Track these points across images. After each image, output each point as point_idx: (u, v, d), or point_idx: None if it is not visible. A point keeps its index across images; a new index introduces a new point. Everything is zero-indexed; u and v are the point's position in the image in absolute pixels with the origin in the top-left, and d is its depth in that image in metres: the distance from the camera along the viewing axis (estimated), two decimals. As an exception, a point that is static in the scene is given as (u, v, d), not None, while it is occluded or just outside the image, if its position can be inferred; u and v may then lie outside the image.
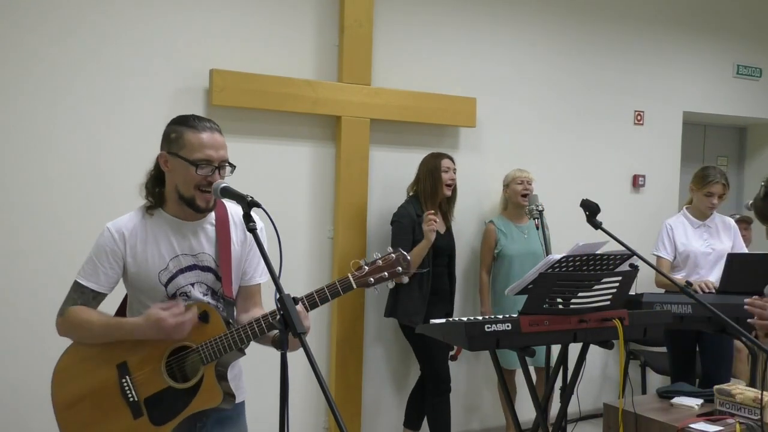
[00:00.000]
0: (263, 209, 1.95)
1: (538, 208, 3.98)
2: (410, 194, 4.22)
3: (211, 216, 2.24)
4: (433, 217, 3.88)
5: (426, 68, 4.56)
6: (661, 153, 5.63)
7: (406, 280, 2.18)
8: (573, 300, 2.97)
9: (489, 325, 2.84)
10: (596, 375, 5.30)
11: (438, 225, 4.11)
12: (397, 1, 4.45)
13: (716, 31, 5.86)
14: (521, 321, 2.88)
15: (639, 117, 5.50)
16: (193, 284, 2.19)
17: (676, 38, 5.65)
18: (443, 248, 4.13)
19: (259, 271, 2.33)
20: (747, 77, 6.07)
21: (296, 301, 1.97)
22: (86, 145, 3.63)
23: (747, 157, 6.67)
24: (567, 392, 3.27)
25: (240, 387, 2.29)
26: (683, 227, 4.24)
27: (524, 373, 3.24)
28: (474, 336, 2.84)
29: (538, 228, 3.90)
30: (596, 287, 3.00)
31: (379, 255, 2.15)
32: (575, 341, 3.02)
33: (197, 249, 2.20)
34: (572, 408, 3.48)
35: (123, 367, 2.14)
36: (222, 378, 2.15)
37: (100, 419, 2.14)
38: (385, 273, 2.12)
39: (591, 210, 3.02)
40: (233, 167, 2.17)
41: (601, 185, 5.25)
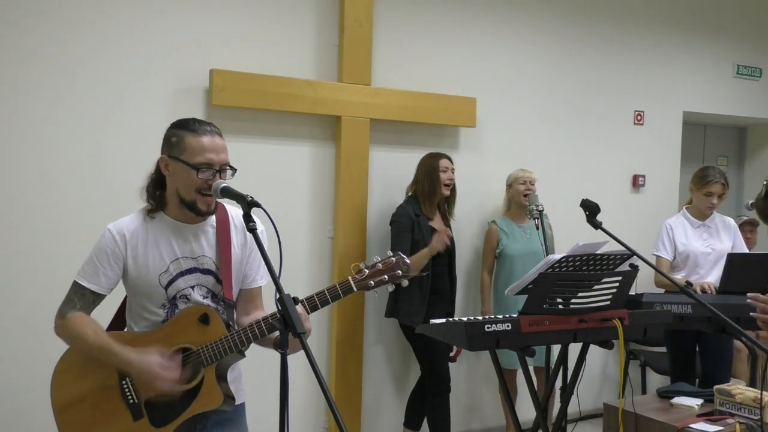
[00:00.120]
0: (263, 209, 1.95)
1: (538, 208, 4.00)
2: (409, 194, 4.22)
3: (212, 219, 2.23)
4: (446, 238, 3.98)
5: (426, 68, 4.56)
6: (661, 153, 5.63)
7: (406, 284, 2.18)
8: (573, 300, 2.97)
9: (489, 325, 2.83)
10: (596, 375, 5.30)
11: (438, 224, 4.12)
12: (397, 1, 4.45)
13: (716, 31, 5.86)
14: (521, 321, 2.88)
15: (639, 117, 5.50)
16: (193, 287, 2.19)
17: (676, 38, 5.65)
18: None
19: (260, 274, 2.33)
20: (747, 77, 6.06)
21: (296, 302, 1.98)
22: (86, 145, 3.63)
23: (747, 157, 6.67)
24: (567, 392, 3.27)
25: (240, 389, 2.30)
26: (683, 227, 4.24)
27: (524, 373, 3.24)
28: (474, 336, 2.83)
29: (538, 228, 3.92)
30: (596, 287, 3.00)
31: (379, 258, 2.15)
32: (575, 341, 3.02)
33: (198, 252, 2.20)
34: (572, 408, 3.48)
35: None
36: (222, 380, 2.15)
37: (100, 421, 2.15)
38: (385, 276, 2.12)
39: (591, 210, 3.02)
40: (234, 170, 2.17)
41: (601, 185, 5.25)
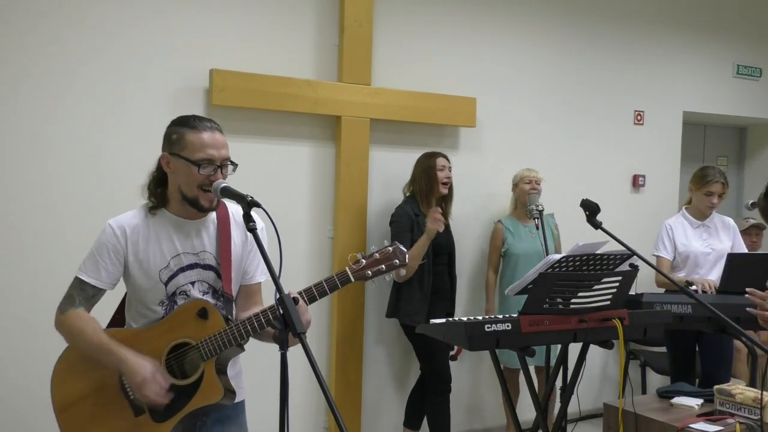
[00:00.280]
0: (263, 209, 1.95)
1: (538, 208, 4.01)
2: (407, 194, 4.22)
3: (213, 215, 2.24)
4: (440, 216, 3.91)
5: (426, 68, 4.56)
6: (661, 153, 5.63)
7: (403, 273, 2.19)
8: (573, 300, 2.97)
9: (489, 325, 2.84)
10: (596, 375, 5.30)
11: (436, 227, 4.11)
12: (397, 1, 4.45)
13: (716, 31, 5.86)
14: (521, 321, 2.88)
15: (639, 117, 5.50)
16: (193, 283, 2.19)
17: (676, 38, 5.64)
18: (443, 246, 4.13)
19: (260, 270, 2.34)
20: (747, 77, 6.06)
21: (296, 302, 1.98)
22: (86, 146, 3.63)
23: (747, 157, 6.67)
24: (567, 392, 3.27)
25: (240, 386, 2.30)
26: (683, 227, 4.24)
27: (524, 373, 3.24)
28: (474, 336, 2.84)
29: (538, 228, 3.93)
30: (596, 287, 3.00)
31: (376, 248, 2.16)
32: (575, 341, 3.02)
33: (199, 247, 2.21)
34: (572, 408, 3.48)
35: None
36: (222, 374, 2.15)
37: (101, 417, 2.14)
38: (383, 266, 2.13)
39: (591, 210, 3.02)
40: (235, 165, 2.18)
41: (601, 185, 5.25)
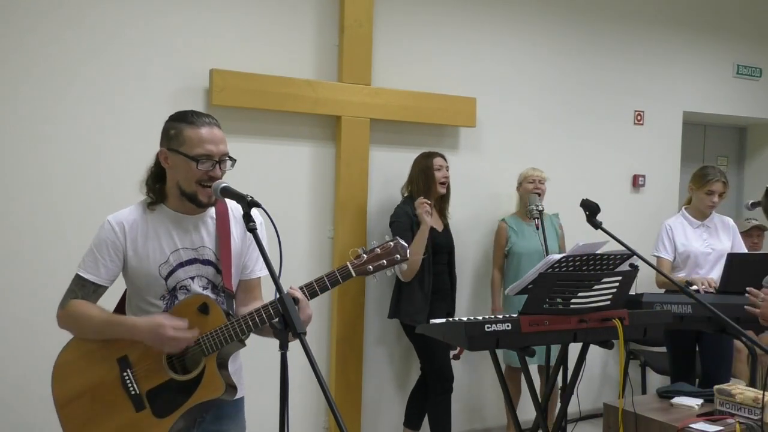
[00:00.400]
0: (263, 209, 1.95)
1: (538, 208, 4.02)
2: (405, 195, 4.23)
3: (212, 210, 2.24)
4: (425, 201, 3.96)
5: (426, 68, 4.56)
6: (661, 153, 5.63)
7: (405, 267, 2.20)
8: (573, 300, 2.97)
9: (489, 325, 2.84)
10: (596, 375, 5.30)
11: (435, 222, 4.11)
12: (397, 1, 4.45)
13: (716, 31, 5.86)
14: (521, 321, 2.88)
15: (639, 117, 5.50)
16: (193, 278, 2.20)
17: (676, 38, 5.64)
18: (442, 246, 4.13)
19: (260, 265, 2.34)
20: (747, 77, 6.06)
21: (296, 302, 1.99)
22: (86, 146, 3.63)
23: (747, 157, 6.67)
24: (567, 392, 3.27)
25: (240, 382, 2.29)
26: (682, 227, 4.24)
27: (524, 373, 3.24)
28: (474, 336, 2.84)
29: (538, 228, 3.93)
30: (596, 287, 3.00)
31: (377, 243, 2.16)
32: (575, 341, 3.02)
33: (198, 243, 2.21)
34: (572, 408, 3.48)
35: (124, 361, 2.14)
36: (223, 369, 2.15)
37: (102, 413, 2.15)
38: (384, 261, 2.14)
39: (591, 210, 3.03)
40: (234, 161, 2.18)
41: (601, 185, 5.25)
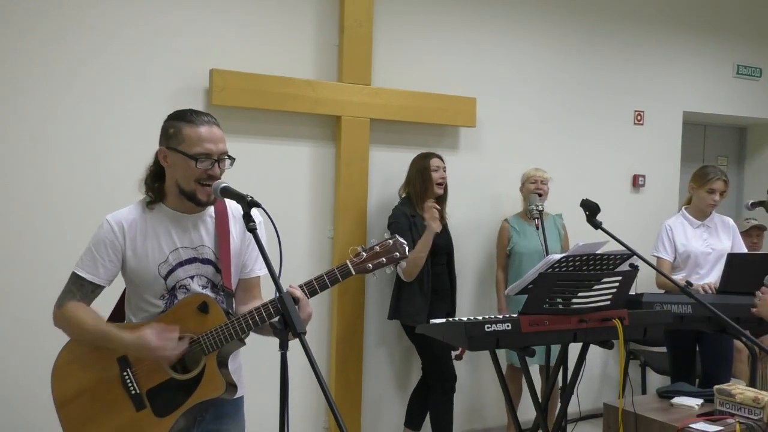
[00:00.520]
0: (263, 209, 1.95)
1: (538, 208, 4.02)
2: (402, 196, 4.22)
3: (211, 209, 2.24)
4: (434, 205, 3.92)
5: (426, 68, 4.56)
6: (661, 153, 5.63)
7: (404, 266, 2.20)
8: (573, 300, 2.97)
9: (489, 325, 2.83)
10: (596, 375, 5.30)
11: (436, 223, 4.11)
12: (397, 1, 4.45)
13: (716, 31, 5.86)
14: (521, 321, 2.88)
15: (639, 117, 5.50)
16: (192, 277, 2.20)
17: (676, 38, 5.64)
18: (441, 246, 4.12)
19: (259, 264, 2.34)
20: (747, 77, 6.06)
21: (296, 302, 1.99)
22: (86, 145, 3.63)
23: (747, 157, 6.67)
24: (567, 392, 3.27)
25: (240, 381, 2.29)
26: (682, 227, 4.24)
27: (524, 373, 3.24)
28: (474, 336, 2.83)
29: (538, 228, 3.93)
30: (596, 287, 3.00)
31: (377, 241, 2.16)
32: (575, 341, 3.02)
33: (197, 242, 2.21)
34: (572, 408, 3.48)
35: (124, 361, 2.14)
36: (224, 368, 2.15)
37: (102, 413, 2.15)
38: (383, 259, 2.14)
39: (591, 210, 3.03)
40: (232, 160, 2.18)
41: (601, 185, 5.25)
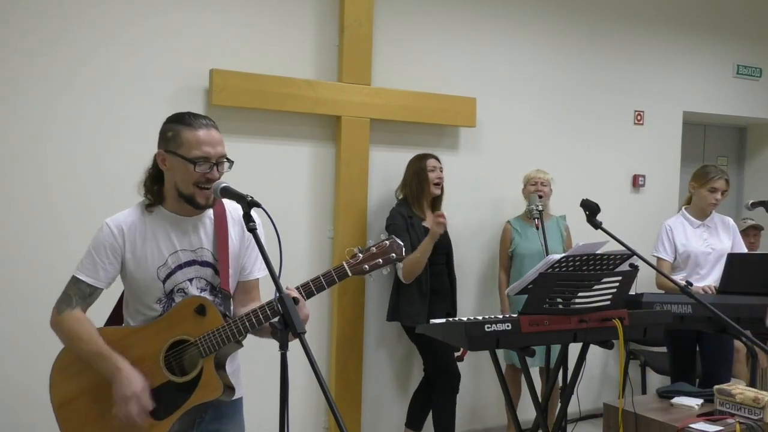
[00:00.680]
0: (263, 209, 1.95)
1: (538, 208, 4.02)
2: (399, 197, 4.22)
3: (210, 211, 2.24)
4: (444, 221, 3.91)
5: (426, 68, 4.56)
6: (661, 153, 5.63)
7: (400, 266, 2.20)
8: (573, 300, 2.97)
9: (489, 325, 2.83)
10: (596, 375, 5.30)
11: (431, 223, 4.11)
12: (397, 1, 4.45)
13: (716, 31, 5.86)
14: (521, 321, 2.88)
15: (639, 117, 5.50)
16: (191, 280, 2.19)
17: (676, 38, 5.64)
18: (440, 246, 4.11)
19: (257, 266, 2.34)
20: (747, 77, 6.06)
21: (296, 302, 1.98)
22: (86, 145, 3.63)
23: (747, 157, 6.67)
24: (567, 392, 3.27)
25: (238, 383, 2.29)
26: (683, 227, 4.23)
27: (524, 373, 3.24)
28: (474, 336, 2.83)
29: (538, 228, 3.93)
30: (596, 287, 3.00)
31: (373, 242, 2.17)
32: (575, 341, 3.02)
33: (196, 244, 2.21)
34: (572, 408, 3.48)
35: None
36: (221, 370, 2.15)
37: (100, 415, 2.15)
38: (380, 260, 2.14)
39: (591, 210, 3.03)
40: (231, 163, 2.18)
41: (601, 185, 5.25)
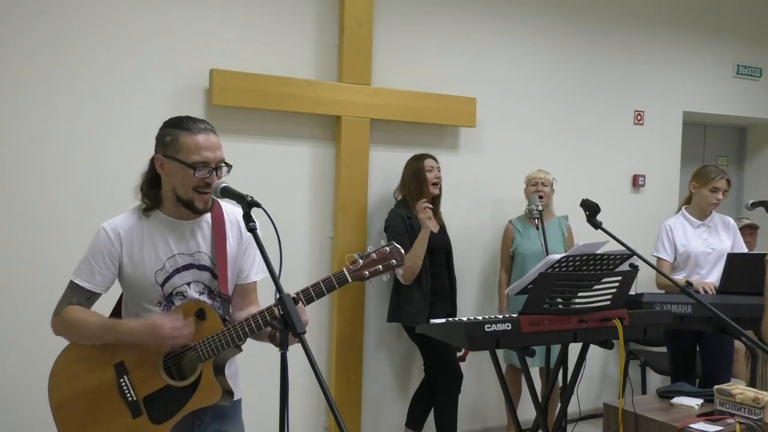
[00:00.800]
0: (263, 209, 1.95)
1: (538, 208, 4.02)
2: (398, 198, 4.22)
3: (207, 215, 2.23)
4: (428, 205, 3.95)
5: (426, 68, 4.56)
6: (661, 153, 5.62)
7: (401, 273, 2.20)
8: (573, 300, 2.97)
9: (489, 325, 2.84)
10: (596, 375, 5.30)
11: (431, 222, 4.11)
12: (397, 1, 4.45)
13: (716, 31, 5.86)
14: (521, 321, 2.88)
15: (639, 117, 5.50)
16: (189, 283, 2.19)
17: (676, 38, 5.64)
18: (439, 247, 4.12)
19: (255, 269, 2.33)
20: (747, 77, 6.06)
21: (296, 302, 1.98)
22: (86, 146, 3.63)
23: (747, 157, 6.67)
24: (567, 392, 3.27)
25: (237, 385, 2.30)
26: (683, 227, 4.23)
27: (525, 374, 3.24)
28: (474, 336, 2.84)
29: (538, 228, 3.93)
30: (596, 287, 3.00)
31: (373, 248, 2.16)
32: (575, 341, 3.03)
33: (194, 248, 2.20)
34: (572, 408, 3.48)
35: (120, 367, 2.14)
36: (220, 374, 2.15)
37: (99, 419, 2.15)
38: (380, 266, 2.14)
39: (591, 210, 3.03)
40: (230, 167, 2.18)
41: (601, 185, 5.25)
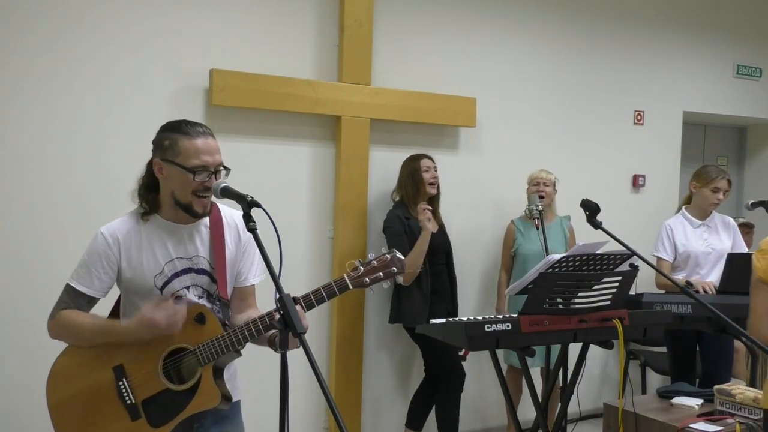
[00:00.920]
0: (263, 209, 1.95)
1: (538, 208, 4.02)
2: (395, 200, 4.22)
3: (206, 219, 2.23)
4: (427, 207, 3.96)
5: (426, 68, 4.56)
6: (661, 153, 5.62)
7: (401, 280, 2.20)
8: (573, 300, 2.97)
9: (489, 325, 2.84)
10: (596, 375, 5.30)
11: (431, 224, 4.10)
12: (397, 1, 4.45)
13: (716, 31, 5.86)
14: (521, 321, 2.88)
15: (639, 117, 5.50)
16: (188, 287, 2.19)
17: (676, 38, 5.64)
18: (439, 247, 4.12)
19: (253, 272, 2.33)
20: (747, 77, 6.06)
21: (296, 302, 1.98)
22: (86, 146, 3.63)
23: (747, 157, 6.67)
24: (567, 392, 3.27)
25: (235, 387, 2.29)
26: (683, 227, 4.23)
27: (525, 374, 3.24)
28: (474, 336, 2.84)
29: (538, 228, 3.93)
30: (596, 287, 3.00)
31: (374, 255, 2.16)
32: (575, 341, 3.03)
33: (192, 252, 2.20)
34: (572, 408, 3.48)
35: (119, 370, 2.14)
36: (219, 379, 2.15)
37: (97, 422, 2.14)
38: (381, 273, 2.13)
39: (591, 210, 3.03)
40: (228, 170, 2.17)
41: (601, 185, 5.25)
